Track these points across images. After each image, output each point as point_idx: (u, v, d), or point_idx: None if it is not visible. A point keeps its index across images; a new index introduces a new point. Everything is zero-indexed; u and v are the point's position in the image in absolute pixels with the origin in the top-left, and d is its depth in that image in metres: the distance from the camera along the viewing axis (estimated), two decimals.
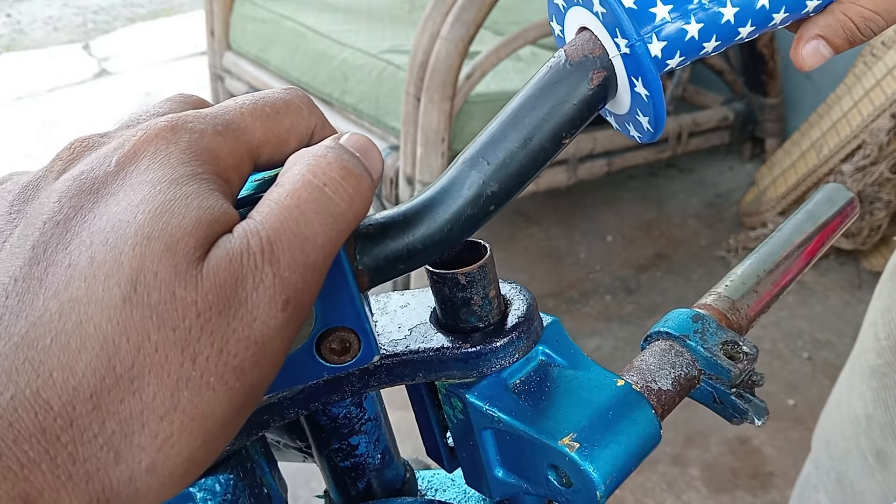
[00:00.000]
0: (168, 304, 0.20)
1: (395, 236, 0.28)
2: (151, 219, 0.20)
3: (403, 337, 0.32)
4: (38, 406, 0.19)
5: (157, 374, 0.20)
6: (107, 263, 0.20)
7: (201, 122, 0.24)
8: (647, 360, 0.34)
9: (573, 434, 0.29)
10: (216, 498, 0.31)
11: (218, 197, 0.22)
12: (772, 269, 0.40)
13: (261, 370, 0.21)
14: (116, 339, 0.19)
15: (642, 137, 0.31)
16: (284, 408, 0.31)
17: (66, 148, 0.24)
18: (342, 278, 0.27)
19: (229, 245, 0.21)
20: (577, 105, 0.29)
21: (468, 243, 0.32)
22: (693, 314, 0.37)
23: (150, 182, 0.21)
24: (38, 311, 0.20)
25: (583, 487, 0.29)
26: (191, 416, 0.20)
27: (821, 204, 0.43)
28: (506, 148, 0.28)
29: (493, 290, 0.31)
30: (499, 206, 0.29)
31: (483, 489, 0.34)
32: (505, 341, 0.31)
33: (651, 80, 0.28)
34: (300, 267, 0.22)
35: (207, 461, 0.22)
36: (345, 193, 0.23)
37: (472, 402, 0.31)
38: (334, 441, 0.36)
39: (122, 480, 0.20)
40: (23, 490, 0.18)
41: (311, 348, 0.28)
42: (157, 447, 0.20)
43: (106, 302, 0.20)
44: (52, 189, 0.22)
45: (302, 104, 0.26)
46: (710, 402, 0.36)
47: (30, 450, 0.18)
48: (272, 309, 0.21)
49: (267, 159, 0.25)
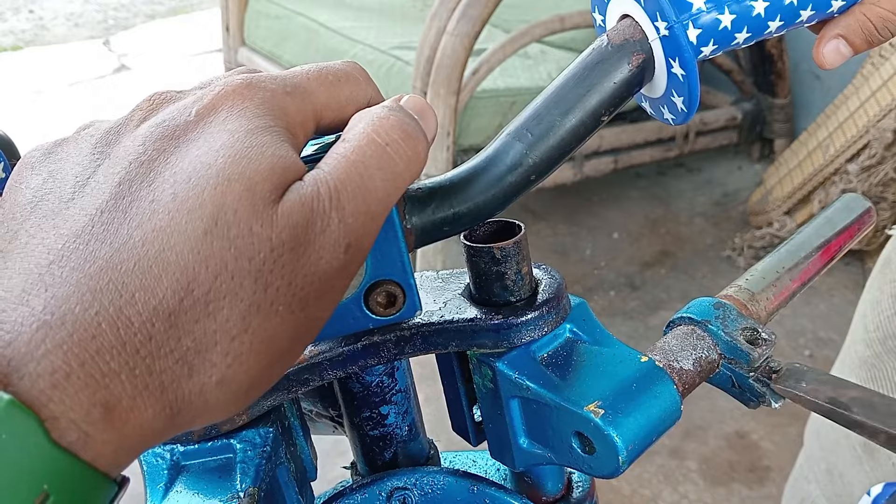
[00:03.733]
0: (245, 238, 0.22)
1: (443, 201, 0.30)
2: (231, 162, 0.22)
3: (438, 308, 0.34)
4: (120, 322, 0.20)
5: (232, 299, 0.22)
6: (189, 200, 0.22)
7: (273, 83, 0.26)
8: (670, 342, 0.36)
9: (598, 402, 0.30)
10: (256, 450, 0.32)
11: (289, 148, 0.24)
12: (791, 268, 0.41)
13: (322, 304, 0.24)
14: (196, 266, 0.21)
15: (676, 119, 0.33)
16: (324, 368, 0.33)
17: (146, 100, 0.26)
18: (393, 235, 0.29)
19: (301, 191, 0.23)
20: (617, 84, 0.31)
21: (504, 223, 0.34)
22: (715, 302, 0.38)
23: (228, 131, 0.23)
24: (123, 238, 0.21)
25: (605, 453, 0.30)
26: (259, 338, 0.22)
27: (839, 211, 0.45)
28: (548, 122, 0.30)
29: (525, 266, 0.33)
30: (540, 177, 0.30)
31: (507, 460, 0.35)
32: (535, 315, 0.32)
33: (688, 61, 0.30)
34: (362, 216, 0.24)
35: (269, 383, 0.24)
36: (403, 153, 0.25)
37: (502, 371, 0.32)
38: (365, 409, 0.38)
39: (193, 392, 0.22)
40: (103, 397, 0.20)
41: (360, 299, 0.30)
42: (227, 364, 0.22)
43: (188, 233, 0.21)
44: (136, 133, 0.24)
45: (360, 76, 0.29)
46: (728, 386, 0.37)
47: (111, 360, 0.20)
48: (336, 251, 0.23)
49: (328, 122, 0.27)
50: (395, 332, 0.33)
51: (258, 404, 0.33)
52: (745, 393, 0.37)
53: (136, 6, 4.73)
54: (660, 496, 1.50)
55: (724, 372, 0.37)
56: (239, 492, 0.31)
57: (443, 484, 0.37)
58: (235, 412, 0.24)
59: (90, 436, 0.20)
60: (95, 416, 0.20)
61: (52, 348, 0.20)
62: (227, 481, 0.31)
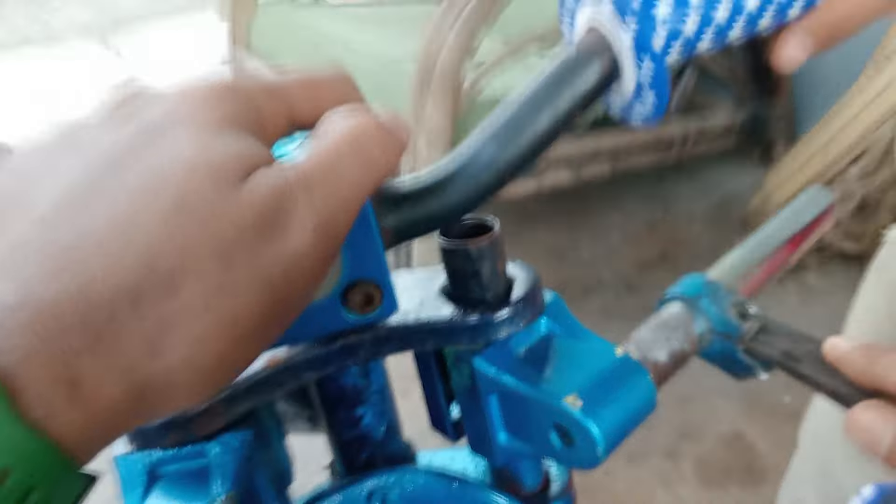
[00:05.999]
0: (210, 218, 0.22)
1: (418, 200, 0.31)
2: (197, 152, 0.23)
3: (415, 307, 0.34)
4: (81, 300, 0.20)
5: (195, 279, 0.22)
6: (155, 185, 0.22)
7: (248, 80, 0.26)
8: (644, 335, 0.37)
9: (576, 394, 0.30)
10: (233, 453, 0.32)
11: (255, 141, 0.24)
12: (760, 260, 0.43)
13: (289, 287, 0.24)
14: (160, 245, 0.21)
15: (647, 118, 0.34)
16: (301, 370, 0.33)
17: (118, 91, 0.26)
18: (369, 234, 0.29)
19: (268, 174, 0.24)
20: (586, 89, 0.32)
21: (478, 221, 0.34)
22: (705, 279, 0.40)
23: (197, 124, 0.24)
24: (87, 221, 0.21)
25: (583, 445, 0.30)
26: (223, 318, 0.22)
27: (805, 204, 0.47)
28: (521, 124, 0.31)
29: (500, 263, 0.33)
30: (513, 176, 0.31)
31: (487, 455, 0.35)
32: (510, 311, 0.32)
33: (655, 66, 0.32)
34: (332, 199, 0.24)
35: (236, 367, 0.24)
36: (378, 143, 0.26)
37: (480, 368, 0.33)
38: (341, 411, 0.38)
39: (158, 372, 0.21)
40: (68, 375, 0.20)
41: (337, 299, 0.31)
42: (190, 343, 0.22)
43: (152, 214, 0.22)
44: (107, 125, 0.24)
45: (342, 81, 0.29)
46: (718, 359, 0.39)
47: (74, 340, 0.20)
48: (303, 232, 0.23)
49: (304, 119, 0.28)
50: (372, 332, 0.33)
51: (235, 408, 0.32)
52: (735, 366, 0.39)
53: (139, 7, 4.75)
54: (655, 497, 1.50)
55: (715, 346, 0.38)
56: (217, 496, 0.31)
57: (422, 483, 0.37)
58: (202, 397, 0.24)
59: (55, 413, 0.20)
60: (61, 394, 0.20)
61: (16, 328, 0.20)
62: (205, 486, 0.31)
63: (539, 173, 1.96)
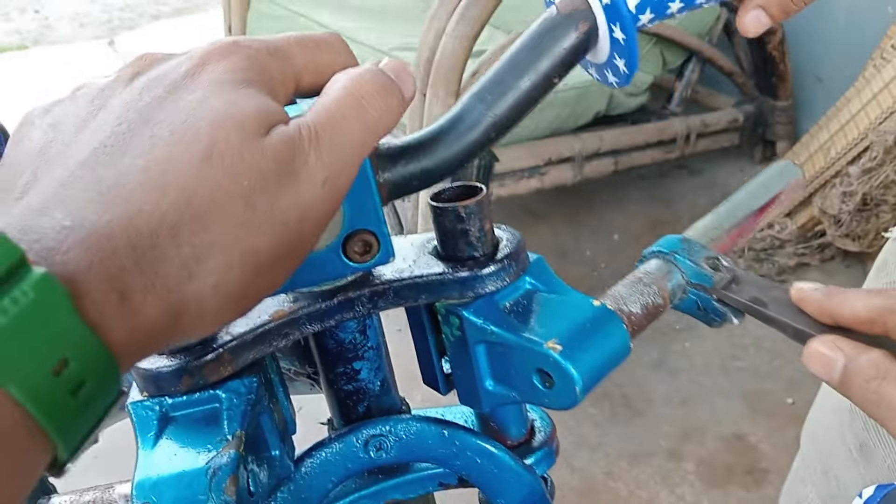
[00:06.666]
0: (237, 165, 0.25)
1: (412, 157, 0.33)
2: (222, 105, 0.26)
3: (408, 266, 0.37)
4: (130, 228, 0.23)
5: (225, 216, 0.25)
6: (187, 134, 0.25)
7: (256, 44, 0.29)
8: (620, 290, 0.40)
9: (556, 339, 0.33)
10: (241, 398, 0.34)
11: (271, 100, 0.28)
12: (728, 228, 0.46)
13: (300, 229, 0.27)
14: (195, 186, 0.24)
15: (619, 81, 0.36)
16: (302, 323, 0.36)
17: (138, 58, 0.29)
18: (367, 188, 0.32)
19: (285, 130, 0.27)
20: (566, 50, 0.34)
21: (467, 186, 0.37)
22: (681, 238, 0.43)
23: (217, 82, 0.27)
24: (126, 165, 0.24)
25: (563, 386, 0.33)
26: (247, 250, 0.25)
27: (773, 178, 0.50)
28: (505, 85, 0.34)
29: (487, 223, 0.36)
30: (499, 134, 0.34)
31: (475, 403, 0.38)
32: (497, 267, 0.35)
33: (627, 27, 0.34)
34: (337, 156, 0.27)
35: (256, 296, 0.27)
36: (377, 105, 0.29)
37: (469, 319, 0.36)
38: (339, 365, 0.40)
39: (192, 295, 0.25)
40: (118, 287, 0.23)
41: (339, 248, 0.33)
42: (221, 271, 0.25)
43: (187, 160, 0.25)
44: (132, 87, 0.27)
45: (339, 45, 0.32)
46: (694, 310, 0.42)
47: (124, 259, 0.23)
48: (314, 183, 0.27)
49: (308, 85, 0.31)
50: (369, 287, 0.36)
51: (242, 356, 0.35)
52: (709, 314, 0.41)
53: (141, 7, 4.75)
54: (657, 498, 1.50)
55: (690, 297, 0.41)
56: (227, 435, 0.33)
57: (416, 429, 0.40)
58: (225, 323, 0.27)
59: (107, 318, 0.23)
60: (112, 302, 0.23)
61: (74, 245, 0.22)
62: (215, 427, 0.33)
63: (542, 171, 1.95)
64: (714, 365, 1.79)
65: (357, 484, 0.42)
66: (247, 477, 0.33)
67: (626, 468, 1.56)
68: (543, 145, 1.94)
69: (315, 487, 0.39)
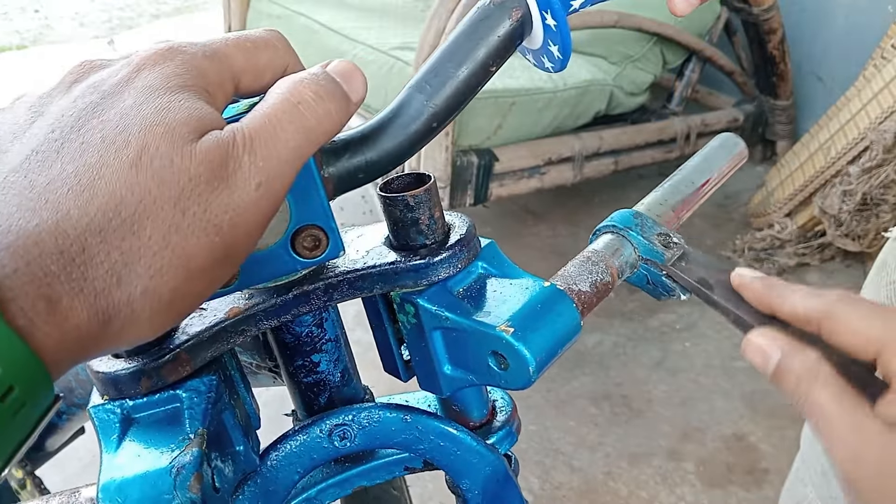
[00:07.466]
0: (167, 169, 0.25)
1: (355, 151, 0.33)
2: (154, 112, 0.26)
3: (361, 257, 0.37)
4: (57, 233, 0.24)
5: (154, 221, 0.25)
6: (117, 140, 0.25)
7: (192, 47, 0.29)
8: (570, 270, 0.40)
9: (508, 322, 0.34)
10: (201, 396, 0.35)
11: (205, 104, 0.28)
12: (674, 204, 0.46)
13: (235, 232, 0.27)
14: (124, 192, 0.25)
15: (555, 67, 0.37)
16: (259, 319, 0.36)
17: (78, 65, 0.29)
18: (312, 183, 0.32)
19: (218, 135, 0.27)
20: (501, 38, 0.35)
21: (415, 175, 0.37)
22: (634, 212, 0.43)
23: (150, 88, 0.27)
24: (57, 170, 0.25)
25: (517, 367, 0.33)
26: (178, 255, 0.25)
27: (717, 150, 0.50)
28: (444, 74, 0.34)
29: (437, 211, 0.36)
30: (441, 124, 0.34)
31: (435, 388, 0.39)
32: (449, 254, 0.36)
33: (557, 11, 0.35)
34: (272, 160, 0.27)
35: (191, 301, 0.27)
36: (314, 111, 0.29)
37: (423, 306, 0.36)
38: (298, 358, 0.41)
39: (122, 301, 0.25)
40: (45, 293, 0.23)
41: (287, 244, 0.34)
42: (150, 276, 0.25)
43: (116, 166, 0.25)
44: (69, 94, 0.28)
45: (278, 43, 0.32)
46: (643, 284, 0.42)
47: (51, 264, 0.23)
48: (247, 186, 0.27)
49: (246, 86, 0.31)
50: (323, 280, 0.36)
51: (200, 354, 0.35)
52: (658, 288, 0.42)
53: (141, 6, 4.75)
54: (657, 498, 1.50)
55: (641, 272, 0.42)
56: (189, 433, 0.33)
57: (378, 417, 0.40)
58: (161, 329, 0.27)
59: (35, 324, 0.23)
60: (40, 308, 0.23)
61: (2, 249, 0.23)
62: (177, 426, 0.34)
63: (542, 170, 1.95)
64: (714, 365, 1.78)
65: (324, 473, 0.43)
66: (211, 473, 0.34)
67: (626, 468, 1.56)
68: (543, 145, 1.94)
69: (281, 480, 0.40)
